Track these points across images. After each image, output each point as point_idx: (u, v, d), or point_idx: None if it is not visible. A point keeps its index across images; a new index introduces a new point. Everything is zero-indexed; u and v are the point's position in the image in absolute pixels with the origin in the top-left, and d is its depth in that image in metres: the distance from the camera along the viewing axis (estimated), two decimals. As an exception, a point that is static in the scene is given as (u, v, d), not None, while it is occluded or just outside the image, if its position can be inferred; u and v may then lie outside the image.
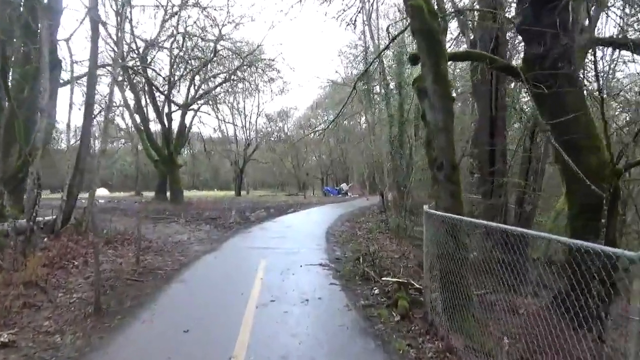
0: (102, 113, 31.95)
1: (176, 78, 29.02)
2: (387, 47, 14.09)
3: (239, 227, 15.22)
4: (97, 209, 22.15)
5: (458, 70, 29.15)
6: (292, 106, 77.84)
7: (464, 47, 12.08)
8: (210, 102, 33.35)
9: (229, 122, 42.72)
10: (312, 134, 14.36)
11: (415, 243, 10.54)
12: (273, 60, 29.61)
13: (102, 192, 61.02)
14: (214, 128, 72.14)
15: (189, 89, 28.46)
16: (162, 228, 15.23)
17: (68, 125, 11.72)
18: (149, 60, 25.22)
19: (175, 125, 29.46)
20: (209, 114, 35.91)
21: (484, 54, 7.16)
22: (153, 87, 26.41)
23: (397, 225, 12.57)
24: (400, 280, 6.24)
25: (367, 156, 46.72)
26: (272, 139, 47.37)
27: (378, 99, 22.26)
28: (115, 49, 21.94)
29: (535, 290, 5.25)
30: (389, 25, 13.87)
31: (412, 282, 6.17)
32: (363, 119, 45.74)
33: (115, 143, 54.90)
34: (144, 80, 26.17)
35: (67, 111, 12.94)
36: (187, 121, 31.69)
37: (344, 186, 44.13)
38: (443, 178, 4.94)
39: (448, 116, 4.98)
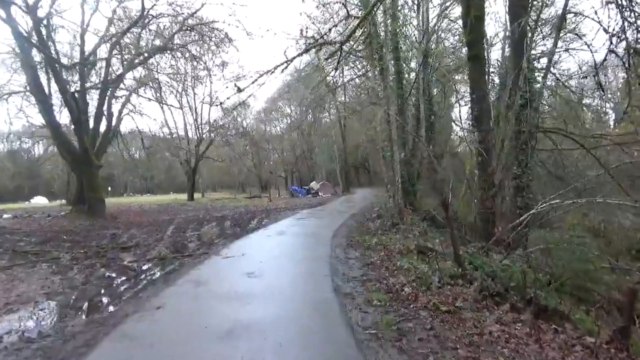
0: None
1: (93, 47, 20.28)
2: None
3: (154, 277, 7.34)
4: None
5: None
6: (251, 95, 68.77)
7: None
8: (150, 85, 24.88)
9: (175, 107, 34.15)
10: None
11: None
12: (222, 23, 21.45)
13: (40, 200, 51.05)
14: (155, 120, 62.06)
15: (108, 62, 19.67)
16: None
17: None
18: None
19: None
20: (150, 99, 26.90)
21: None
22: (52, 59, 17.55)
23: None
24: None
25: (339, 147, 39.54)
26: (230, 133, 39.05)
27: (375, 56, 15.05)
28: None
29: None
30: None
31: None
32: (333, 110, 38.53)
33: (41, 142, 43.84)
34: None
35: None
36: (115, 110, 22.99)
37: (314, 185, 36.54)
38: None
39: None
